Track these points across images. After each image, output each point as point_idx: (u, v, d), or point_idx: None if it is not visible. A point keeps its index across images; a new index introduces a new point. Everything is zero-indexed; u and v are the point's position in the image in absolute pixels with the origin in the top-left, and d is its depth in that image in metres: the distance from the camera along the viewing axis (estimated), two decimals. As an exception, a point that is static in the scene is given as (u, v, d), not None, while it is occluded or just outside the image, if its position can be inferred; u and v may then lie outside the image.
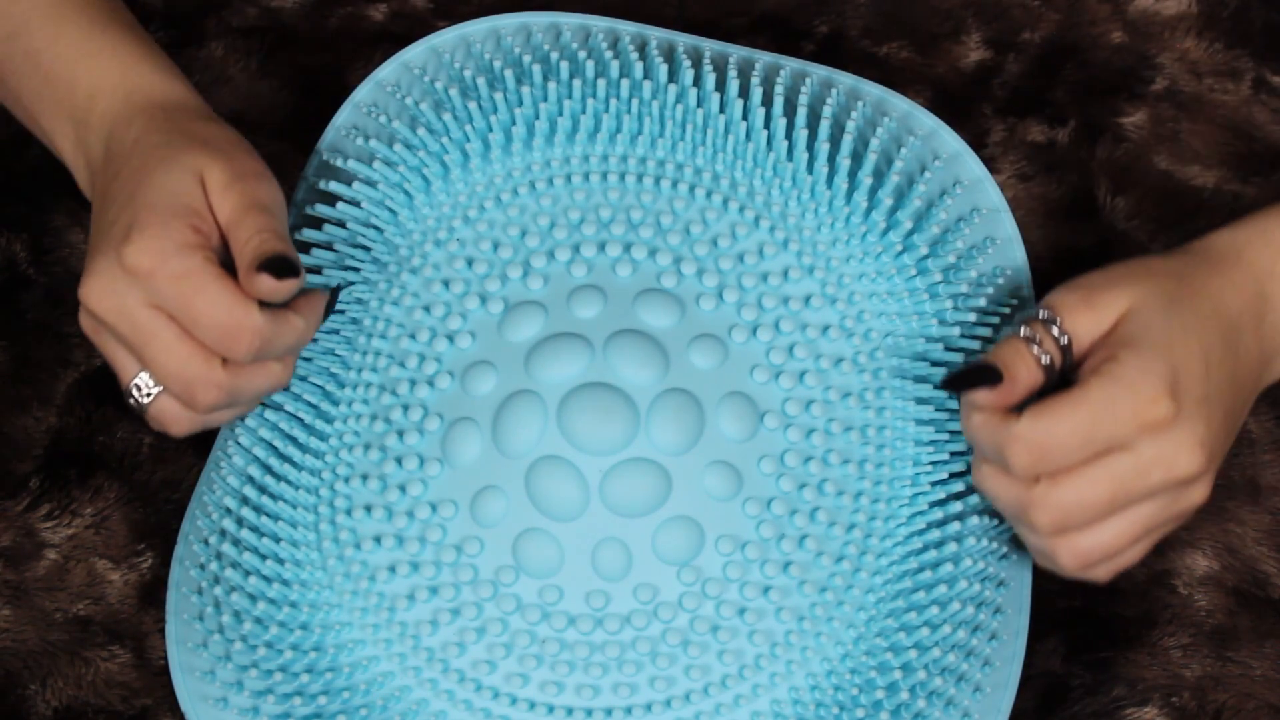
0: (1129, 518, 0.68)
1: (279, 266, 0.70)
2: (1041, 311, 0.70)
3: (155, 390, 0.72)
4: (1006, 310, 0.78)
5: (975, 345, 0.77)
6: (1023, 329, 0.70)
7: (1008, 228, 0.80)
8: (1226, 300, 0.71)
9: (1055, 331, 0.70)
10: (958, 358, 0.77)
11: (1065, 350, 0.70)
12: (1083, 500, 0.67)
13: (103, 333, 0.72)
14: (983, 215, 0.80)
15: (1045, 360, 0.69)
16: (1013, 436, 0.68)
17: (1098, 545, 0.69)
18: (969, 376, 0.70)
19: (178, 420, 0.72)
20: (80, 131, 0.76)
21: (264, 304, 0.70)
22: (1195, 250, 0.72)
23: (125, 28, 0.78)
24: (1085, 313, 0.70)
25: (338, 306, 0.79)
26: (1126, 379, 0.67)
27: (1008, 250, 0.80)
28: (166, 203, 0.71)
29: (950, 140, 0.81)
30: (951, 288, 0.78)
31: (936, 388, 0.75)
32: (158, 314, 0.70)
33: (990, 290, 0.78)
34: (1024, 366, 0.69)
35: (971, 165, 0.81)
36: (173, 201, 0.71)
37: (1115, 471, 0.67)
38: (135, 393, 0.72)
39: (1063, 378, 0.70)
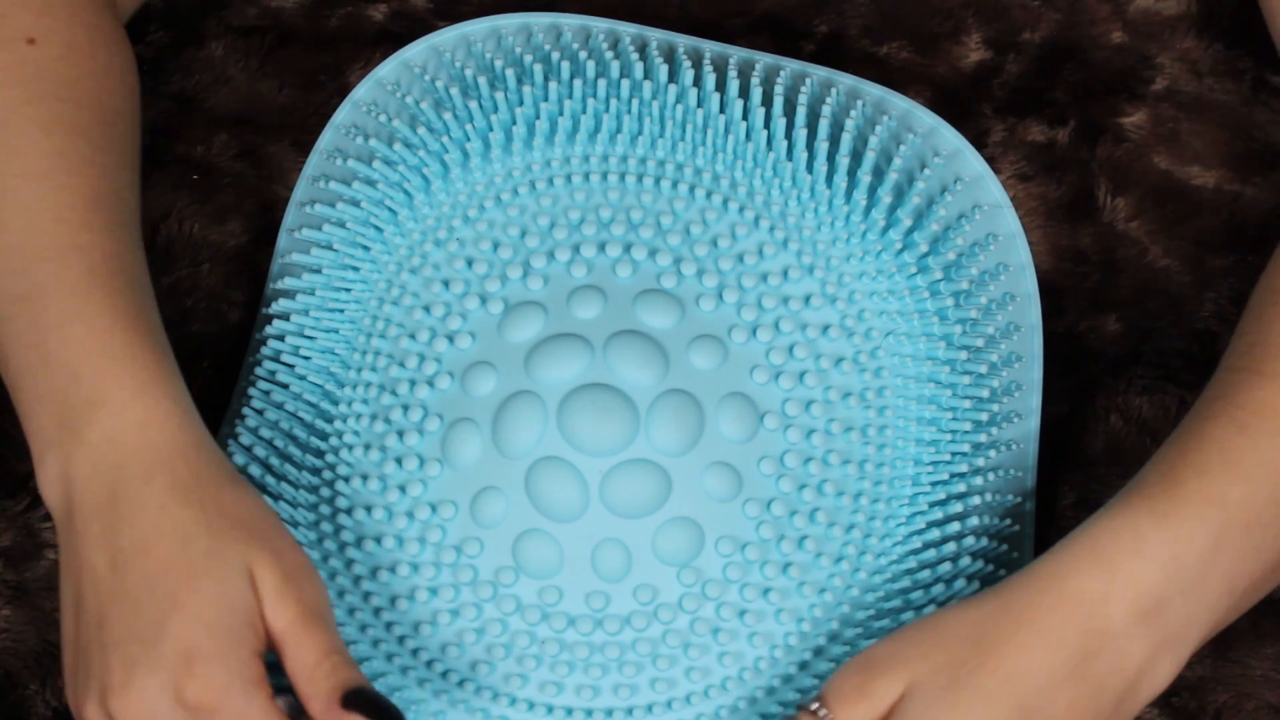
0: None
1: (378, 709, 0.64)
2: (814, 704, 0.66)
3: None
4: (1008, 308, 0.78)
5: (977, 342, 0.77)
6: None
7: (1010, 223, 0.80)
8: (1034, 661, 0.64)
9: None
10: (960, 355, 0.77)
11: None
12: None
13: None
14: (984, 211, 0.80)
15: None
16: None
17: None
18: None
19: None
20: (65, 435, 0.67)
21: None
22: (1008, 591, 0.66)
23: (150, 331, 0.69)
24: (858, 702, 0.65)
25: (337, 306, 0.79)
26: None
27: (1010, 246, 0.80)
28: (226, 623, 0.64)
29: (950, 137, 0.81)
30: (953, 285, 0.78)
31: None
32: None
33: (992, 287, 0.78)
34: None
35: (972, 162, 0.81)
36: (232, 621, 0.64)
37: None
38: None
39: None
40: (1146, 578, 0.65)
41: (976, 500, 0.75)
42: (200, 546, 0.65)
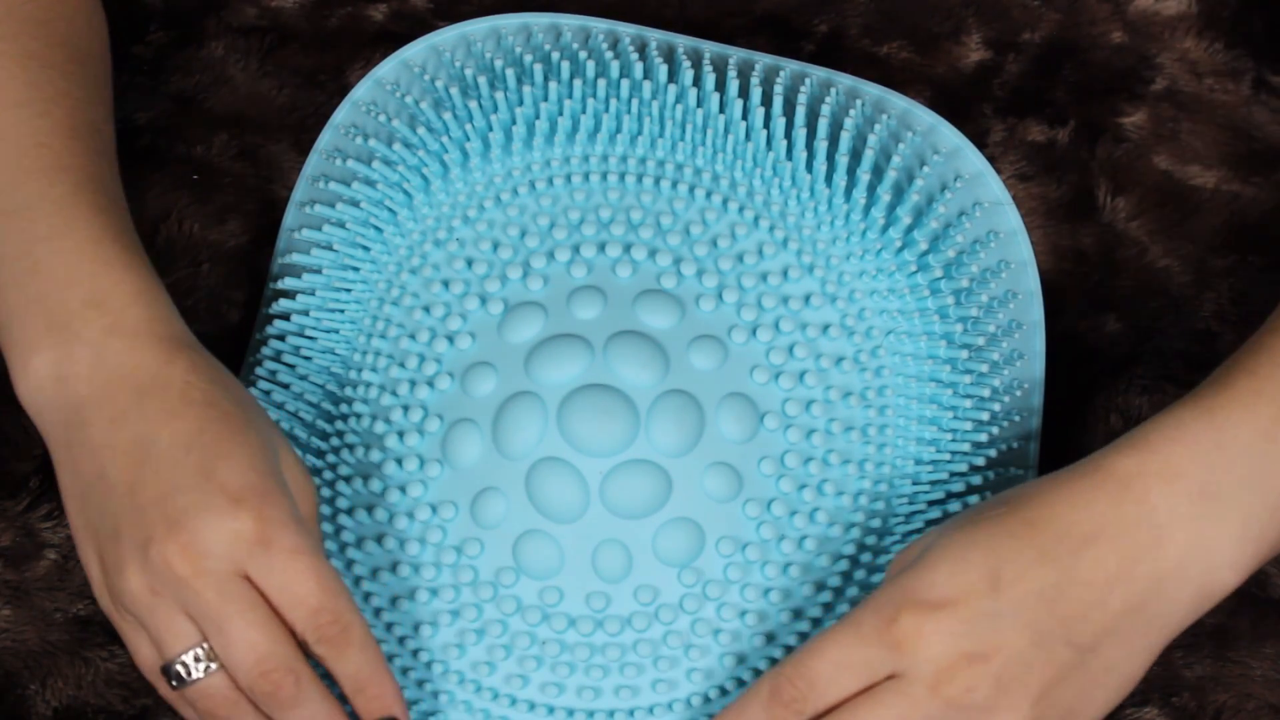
0: None
1: None
2: None
3: (214, 666, 0.65)
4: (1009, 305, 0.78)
5: (978, 340, 0.77)
6: None
7: (1011, 220, 0.80)
8: (1058, 512, 0.64)
9: None
10: (961, 354, 0.77)
11: None
12: None
13: (164, 598, 0.65)
14: (985, 209, 0.80)
15: None
16: (773, 674, 0.64)
17: None
18: None
19: (225, 702, 0.65)
20: (57, 336, 0.67)
21: None
22: (1057, 471, 0.67)
23: (138, 246, 0.71)
24: (895, 567, 0.68)
25: (338, 306, 0.79)
26: (874, 598, 0.64)
27: (1011, 243, 0.80)
28: (274, 470, 0.66)
29: (950, 136, 0.81)
30: (954, 282, 0.78)
31: None
32: (249, 584, 0.65)
33: (993, 284, 0.78)
34: None
35: (973, 160, 0.81)
36: (277, 471, 0.67)
37: (880, 698, 0.63)
38: (192, 665, 0.65)
39: None
40: (1187, 461, 0.65)
41: (977, 500, 0.75)
42: (234, 413, 0.67)
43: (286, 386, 0.78)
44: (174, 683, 0.66)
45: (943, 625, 0.63)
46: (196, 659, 0.65)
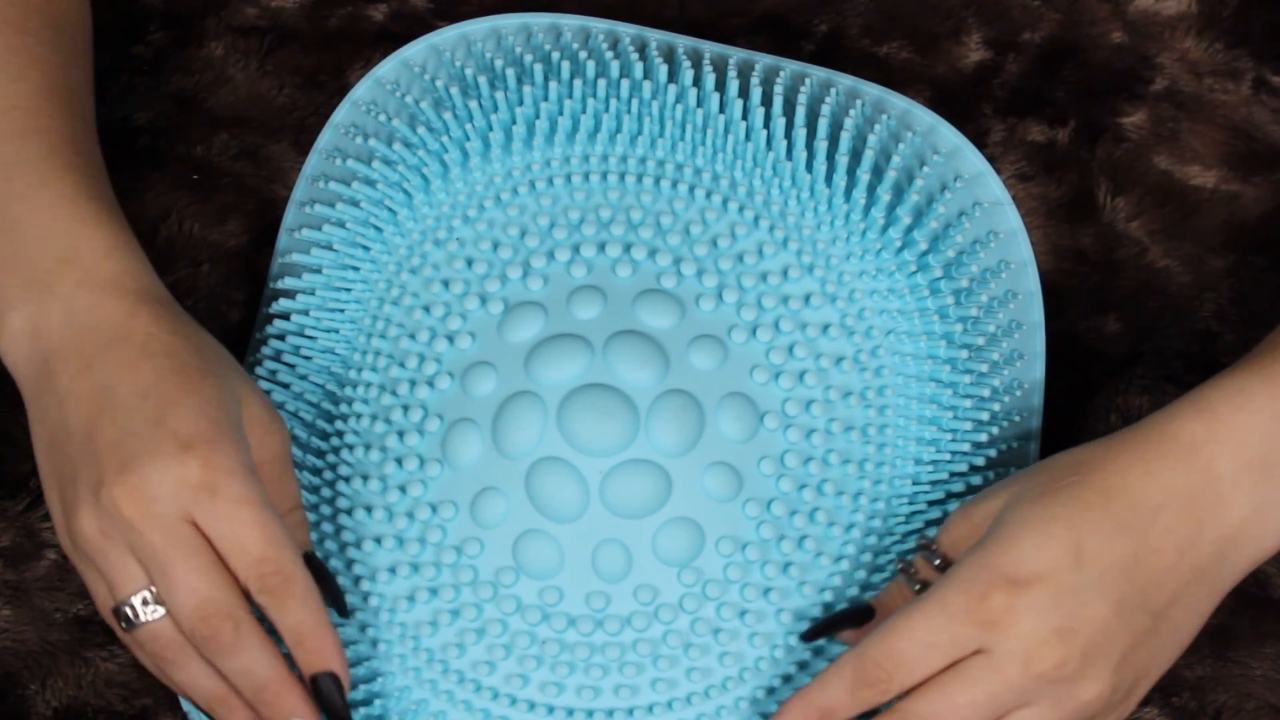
0: None
1: (325, 576, 0.69)
2: (921, 552, 0.70)
3: (161, 611, 0.66)
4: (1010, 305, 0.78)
5: (978, 340, 0.77)
6: (900, 566, 0.70)
7: (1011, 220, 0.80)
8: (1132, 481, 0.66)
9: (936, 561, 0.69)
10: (961, 354, 0.77)
11: (942, 570, 0.69)
12: (951, 712, 0.64)
13: (114, 541, 0.66)
14: (985, 209, 0.80)
15: (917, 588, 0.70)
16: (856, 656, 0.65)
17: None
18: (838, 620, 0.70)
19: (170, 645, 0.66)
20: (32, 292, 0.69)
21: None
22: (1113, 437, 0.68)
23: (113, 205, 0.72)
24: (960, 524, 0.69)
25: (338, 306, 0.79)
26: (958, 576, 0.65)
27: (1011, 243, 0.80)
28: (226, 418, 0.67)
29: (950, 136, 0.81)
30: (954, 282, 0.78)
31: (801, 639, 0.72)
32: (196, 531, 0.65)
33: (993, 284, 0.78)
34: (899, 598, 0.70)
35: (972, 160, 0.81)
36: (231, 420, 0.67)
37: (971, 675, 0.64)
38: (140, 608, 0.66)
39: None
40: (1251, 428, 0.66)
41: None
42: (192, 363, 0.68)
43: (286, 386, 0.78)
44: (123, 625, 0.67)
45: (1034, 602, 0.64)
46: (144, 602, 0.66)
